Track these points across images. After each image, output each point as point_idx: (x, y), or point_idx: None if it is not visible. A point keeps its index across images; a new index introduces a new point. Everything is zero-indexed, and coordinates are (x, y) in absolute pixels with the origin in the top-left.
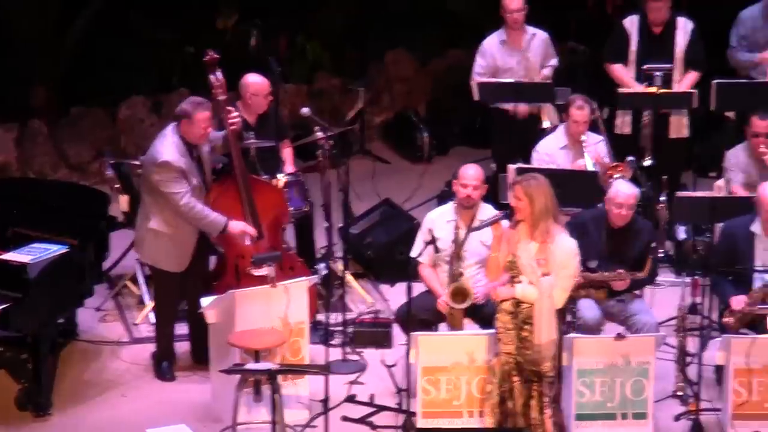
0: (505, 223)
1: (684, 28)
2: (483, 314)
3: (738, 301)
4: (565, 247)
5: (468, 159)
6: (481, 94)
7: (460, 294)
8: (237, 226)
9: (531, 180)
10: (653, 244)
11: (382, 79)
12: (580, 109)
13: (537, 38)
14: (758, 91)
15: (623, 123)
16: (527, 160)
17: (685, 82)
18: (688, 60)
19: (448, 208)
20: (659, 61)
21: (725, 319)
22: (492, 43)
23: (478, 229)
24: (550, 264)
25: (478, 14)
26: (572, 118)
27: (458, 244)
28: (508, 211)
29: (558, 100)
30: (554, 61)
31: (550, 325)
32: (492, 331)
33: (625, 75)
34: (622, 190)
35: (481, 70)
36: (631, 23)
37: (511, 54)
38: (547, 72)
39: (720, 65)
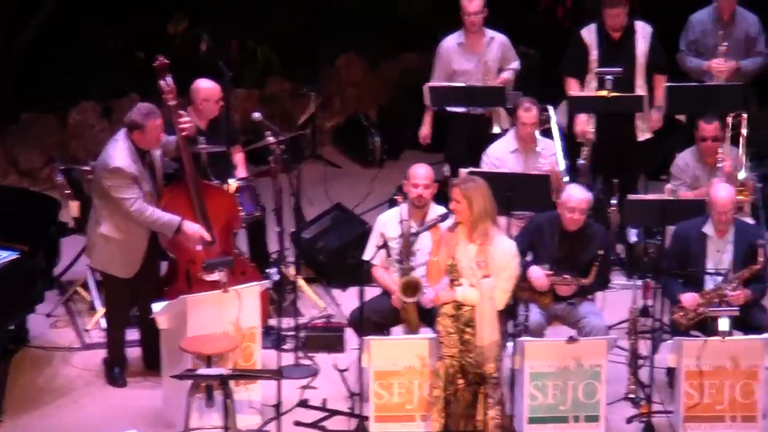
0: (443, 225)
1: (643, 32)
2: (434, 317)
3: (688, 298)
4: (504, 248)
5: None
6: (432, 98)
7: (410, 288)
8: (192, 226)
9: (469, 182)
10: (601, 252)
11: (333, 83)
12: (528, 111)
13: (495, 42)
14: (709, 93)
15: None
16: (479, 164)
17: (658, 88)
18: (650, 64)
19: (400, 210)
20: (620, 67)
21: (675, 316)
22: (449, 45)
23: (419, 232)
24: (490, 266)
25: (430, 18)
26: (520, 121)
27: (406, 238)
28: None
29: (509, 104)
30: (515, 64)
31: (492, 326)
32: None
33: (577, 91)
34: (575, 195)
35: (437, 74)
36: (589, 33)
37: (469, 57)
38: (507, 75)
39: (672, 68)
